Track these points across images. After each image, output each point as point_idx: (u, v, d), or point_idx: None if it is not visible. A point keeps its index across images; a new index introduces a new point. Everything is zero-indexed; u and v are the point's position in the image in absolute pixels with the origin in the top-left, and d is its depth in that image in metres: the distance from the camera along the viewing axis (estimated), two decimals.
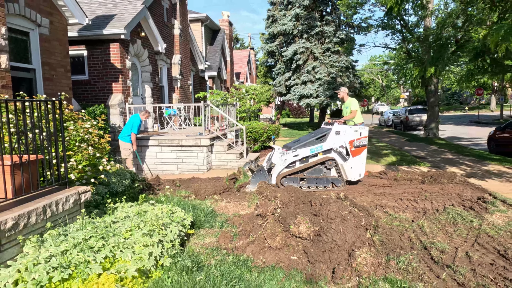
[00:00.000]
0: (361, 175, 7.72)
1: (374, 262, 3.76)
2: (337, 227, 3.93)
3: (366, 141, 7.69)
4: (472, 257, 4.11)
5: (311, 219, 4.04)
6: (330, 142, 7.37)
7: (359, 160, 7.58)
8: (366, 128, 7.76)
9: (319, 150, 7.35)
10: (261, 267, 3.83)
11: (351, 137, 7.45)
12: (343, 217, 4.00)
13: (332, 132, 7.43)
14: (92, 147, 5.10)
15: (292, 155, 7.25)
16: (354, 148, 7.50)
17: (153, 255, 3.65)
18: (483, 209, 6.11)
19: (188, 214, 4.95)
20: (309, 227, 3.94)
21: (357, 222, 4.01)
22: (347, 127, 7.54)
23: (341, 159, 7.42)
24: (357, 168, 7.58)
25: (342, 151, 7.44)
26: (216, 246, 4.47)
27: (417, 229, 5.13)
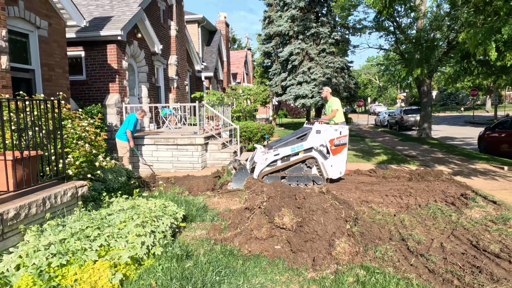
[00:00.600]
0: (342, 173, 7.92)
1: (352, 251, 4.02)
2: (318, 218, 4.20)
3: (346, 139, 7.88)
4: (446, 247, 4.38)
5: (295, 212, 4.30)
6: (310, 141, 7.56)
7: (339, 158, 7.77)
8: (346, 127, 7.97)
9: (300, 149, 7.54)
10: (247, 255, 4.09)
11: (331, 136, 7.66)
12: (324, 210, 4.27)
13: (312, 131, 7.63)
14: (88, 145, 5.36)
15: (273, 154, 7.45)
16: (335, 146, 7.69)
17: (145, 244, 3.90)
18: (464, 204, 6.38)
19: (180, 208, 5.21)
20: (292, 218, 4.20)
21: (337, 214, 4.27)
22: (328, 126, 7.75)
23: (322, 158, 7.62)
24: (337, 166, 7.78)
25: (322, 150, 7.63)
26: (206, 237, 4.74)
27: (398, 222, 5.41)
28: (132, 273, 3.60)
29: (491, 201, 6.61)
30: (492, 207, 6.17)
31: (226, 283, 3.48)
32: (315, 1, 22.31)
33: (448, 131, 24.49)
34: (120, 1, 11.59)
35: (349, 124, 31.63)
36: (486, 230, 5.01)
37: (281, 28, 22.70)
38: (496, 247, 4.35)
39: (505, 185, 7.91)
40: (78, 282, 3.22)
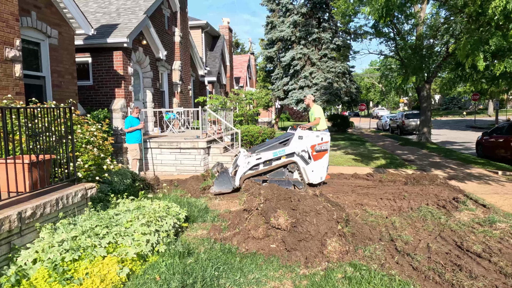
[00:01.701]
0: (322, 178, 8.12)
1: (342, 250, 4.32)
2: (311, 219, 4.50)
3: (327, 146, 8.12)
4: (431, 247, 4.66)
5: (289, 213, 4.60)
6: (292, 146, 7.80)
7: (320, 164, 8.00)
8: (327, 133, 8.22)
9: (282, 153, 7.77)
10: (244, 253, 4.39)
11: (313, 142, 7.90)
12: (317, 211, 4.56)
13: (295, 137, 7.88)
14: (97, 149, 5.68)
15: (255, 158, 7.68)
16: (316, 152, 7.93)
17: (150, 242, 4.22)
18: (454, 207, 6.66)
19: (183, 210, 5.52)
20: (286, 219, 4.50)
21: (329, 216, 4.57)
22: (310, 132, 8.00)
23: (303, 163, 7.84)
24: (318, 171, 8.00)
25: (304, 155, 7.86)
26: (206, 236, 5.04)
27: (389, 224, 5.69)
28: (138, 268, 3.91)
29: (481, 204, 6.88)
30: (481, 210, 6.45)
31: (224, 278, 3.78)
32: (317, 7, 22.67)
33: (448, 136, 24.69)
34: (127, 9, 11.97)
35: (351, 128, 31.90)
36: (472, 232, 5.28)
37: (283, 34, 23.06)
38: (479, 248, 4.63)
39: (497, 189, 8.17)
40: (89, 275, 3.53)
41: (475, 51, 6.16)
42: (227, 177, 7.70)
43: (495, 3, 5.21)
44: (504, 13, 5.31)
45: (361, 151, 15.18)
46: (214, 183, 7.73)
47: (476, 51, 6.17)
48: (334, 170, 10.74)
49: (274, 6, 24.72)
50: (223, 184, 7.61)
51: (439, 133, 27.13)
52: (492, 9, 5.40)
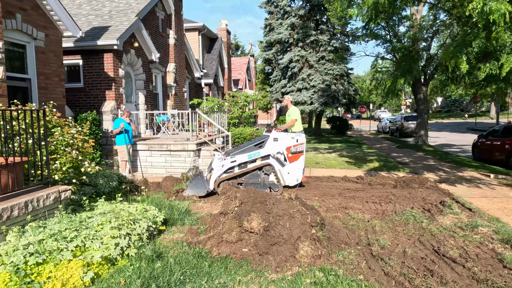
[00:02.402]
0: (298, 180, 8.02)
1: (315, 254, 4.26)
2: (284, 223, 4.44)
3: (303, 147, 8.03)
4: (407, 252, 4.59)
5: (263, 216, 4.55)
6: (268, 148, 7.72)
7: (296, 165, 7.91)
8: (303, 135, 8.13)
9: (257, 156, 7.70)
10: (216, 257, 4.34)
11: (288, 143, 7.82)
12: (291, 215, 4.51)
13: (270, 138, 7.80)
14: (76, 151, 5.66)
15: (230, 160, 7.61)
16: (291, 154, 7.84)
17: (119, 245, 4.18)
18: (439, 211, 6.58)
19: (161, 213, 5.47)
20: (259, 223, 4.45)
21: (303, 220, 4.52)
22: (285, 134, 7.91)
23: (279, 165, 7.74)
24: (294, 173, 7.91)
25: (280, 157, 7.77)
26: (182, 240, 5.00)
27: (369, 228, 5.62)
28: (104, 272, 3.87)
29: (467, 208, 6.80)
30: (466, 214, 6.36)
31: (190, 282, 3.74)
32: (315, 9, 22.64)
33: (448, 138, 24.55)
34: (119, 11, 11.99)
35: (350, 130, 31.80)
36: (452, 237, 5.21)
37: (281, 36, 23.04)
38: (456, 253, 4.56)
39: (486, 193, 8.07)
40: (52, 279, 3.50)
41: (458, 53, 6.09)
42: (201, 180, 7.61)
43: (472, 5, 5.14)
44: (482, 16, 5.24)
45: (356, 153, 15.10)
46: (188, 186, 7.64)
47: (459, 53, 6.10)
48: (325, 172, 10.68)
49: (273, 9, 24.72)
50: (197, 188, 7.53)
51: (439, 136, 26.98)
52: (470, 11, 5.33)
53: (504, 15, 4.97)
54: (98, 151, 9.56)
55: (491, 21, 4.98)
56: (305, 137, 8.22)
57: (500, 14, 4.94)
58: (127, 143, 9.54)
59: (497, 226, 5.63)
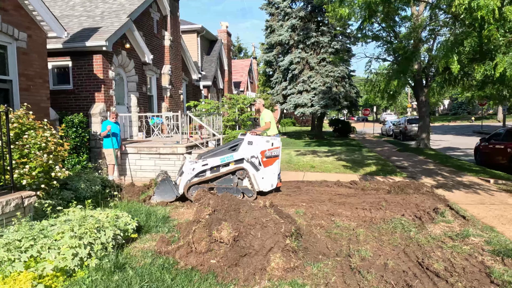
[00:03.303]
0: (273, 186, 7.71)
1: (287, 266, 3.98)
2: (256, 233, 4.17)
3: (278, 151, 7.72)
4: (389, 265, 4.29)
5: (234, 225, 4.28)
6: (241, 152, 7.43)
7: (271, 170, 7.60)
8: (278, 139, 7.84)
9: (230, 159, 7.39)
10: (181, 269, 4.08)
11: (263, 147, 7.51)
12: (263, 224, 4.23)
13: (244, 142, 7.50)
14: (47, 155, 5.44)
15: (201, 164, 7.32)
16: (266, 158, 7.54)
17: (78, 256, 3.93)
18: (430, 219, 6.25)
19: (133, 220, 5.21)
20: (229, 232, 4.18)
21: (276, 229, 4.24)
22: (259, 137, 7.63)
23: (253, 169, 7.44)
24: (269, 178, 7.60)
25: (254, 161, 7.47)
26: (152, 249, 4.74)
27: (353, 237, 5.32)
28: (58, 285, 3.62)
29: (461, 216, 6.46)
30: (458, 223, 6.03)
31: None
32: (315, 10, 22.35)
33: (452, 141, 24.06)
34: (111, 12, 11.83)
35: (353, 133, 31.38)
36: (440, 247, 4.89)
37: (281, 38, 22.78)
38: (441, 266, 4.25)
39: (484, 199, 7.72)
40: None
41: (449, 53, 5.77)
42: (169, 185, 7.28)
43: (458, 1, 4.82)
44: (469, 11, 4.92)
45: (355, 157, 14.74)
46: (155, 192, 7.32)
47: (450, 53, 5.77)
48: (319, 177, 10.37)
49: (274, 10, 24.47)
50: (165, 193, 7.22)
51: (443, 139, 26.47)
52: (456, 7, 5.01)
53: (493, 12, 4.64)
54: (84, 154, 9.37)
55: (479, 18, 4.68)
56: (280, 141, 7.92)
57: (489, 10, 4.61)
58: (114, 146, 9.34)
59: (490, 236, 5.29)
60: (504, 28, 5.02)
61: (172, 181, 7.63)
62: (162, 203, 7.18)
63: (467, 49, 5.69)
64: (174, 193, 7.33)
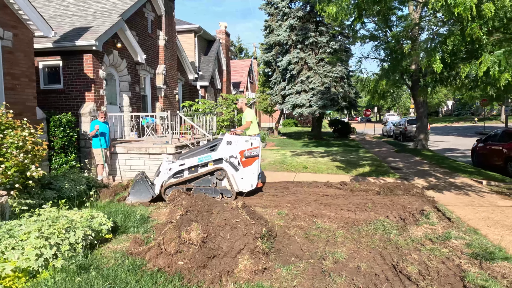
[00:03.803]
0: (253, 186, 7.59)
1: (255, 269, 3.90)
2: (225, 234, 4.09)
3: (258, 151, 7.60)
4: (361, 268, 4.20)
5: (203, 227, 4.20)
6: (220, 152, 7.35)
7: (250, 170, 7.49)
8: (257, 138, 7.74)
9: (208, 159, 7.30)
10: (148, 271, 4.00)
11: (242, 147, 7.42)
12: (233, 225, 4.15)
13: (223, 142, 7.43)
14: (24, 154, 5.40)
15: (178, 164, 7.24)
16: (245, 158, 7.43)
17: (43, 256, 3.87)
18: (414, 221, 6.14)
19: (109, 220, 5.15)
20: (198, 234, 4.11)
21: (246, 231, 4.15)
22: (238, 137, 7.55)
23: (233, 169, 7.35)
24: (248, 178, 7.50)
25: (233, 161, 7.38)
26: (124, 250, 4.67)
27: (331, 239, 5.22)
28: (20, 285, 3.57)
29: (446, 217, 6.35)
30: (442, 225, 5.91)
31: None
32: (314, 10, 22.20)
33: (452, 142, 23.85)
34: (104, 12, 11.81)
35: (353, 134, 31.21)
36: (418, 250, 4.78)
37: (280, 38, 22.69)
38: (415, 269, 4.15)
39: (473, 201, 7.58)
40: None
41: (432, 52, 5.65)
42: (144, 185, 7.18)
43: None
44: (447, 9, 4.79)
45: (350, 158, 14.62)
46: (130, 192, 7.22)
47: (433, 52, 5.65)
48: (311, 177, 10.27)
49: (273, 10, 24.40)
50: (141, 193, 7.13)
51: (444, 140, 26.26)
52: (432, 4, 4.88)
53: (470, 9, 4.52)
54: (73, 153, 9.33)
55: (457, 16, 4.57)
56: (260, 141, 7.83)
57: (466, 7, 4.49)
58: (103, 146, 9.30)
59: (472, 238, 5.17)
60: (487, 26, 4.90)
61: (149, 182, 7.53)
62: (146, 204, 7.12)
63: (450, 48, 5.57)
64: (150, 193, 7.23)
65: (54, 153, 8.95)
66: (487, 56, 5.35)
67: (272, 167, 12.02)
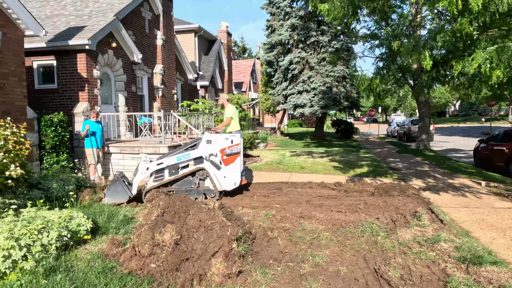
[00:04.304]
0: (236, 184, 7.42)
1: (227, 272, 3.76)
2: (199, 236, 3.96)
3: (239, 148, 7.45)
4: (341, 272, 4.04)
5: (177, 228, 4.08)
6: (199, 151, 7.21)
7: (232, 168, 7.32)
8: (238, 135, 7.59)
9: (187, 158, 7.16)
10: (119, 273, 3.88)
11: (222, 145, 7.26)
12: (208, 227, 4.02)
13: (202, 141, 7.28)
14: (4, 153, 5.32)
15: (156, 163, 7.11)
16: (226, 156, 7.27)
17: (11, 257, 3.78)
18: (405, 223, 5.96)
19: (89, 221, 5.05)
20: (172, 235, 3.98)
21: (222, 232, 4.02)
22: (218, 135, 7.41)
23: (215, 168, 7.22)
24: (231, 176, 7.33)
25: (215, 160, 7.23)
26: (101, 252, 4.56)
27: (315, 241, 5.06)
28: None
29: (439, 219, 6.15)
30: (434, 227, 5.73)
31: None
32: None
33: (457, 143, 23.49)
34: (100, 11, 11.76)
35: (356, 134, 30.91)
36: (404, 253, 4.60)
37: (281, 37, 22.51)
38: (397, 273, 3.98)
39: (470, 202, 7.37)
40: None
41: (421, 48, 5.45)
42: (120, 185, 7.03)
43: None
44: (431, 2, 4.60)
45: (349, 158, 14.41)
46: (106, 193, 7.07)
47: (422, 48, 5.45)
48: (307, 178, 10.10)
49: (274, 10, 24.21)
50: (117, 194, 6.98)
51: (449, 140, 25.90)
52: None
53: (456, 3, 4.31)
54: (64, 153, 9.26)
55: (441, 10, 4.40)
56: (240, 137, 7.66)
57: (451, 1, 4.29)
58: (94, 146, 9.23)
59: (462, 241, 4.99)
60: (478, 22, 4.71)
61: (126, 182, 7.36)
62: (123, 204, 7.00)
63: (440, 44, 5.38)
64: (127, 193, 7.08)
65: (46, 153, 8.89)
66: (479, 53, 5.15)
67: (268, 167, 11.87)
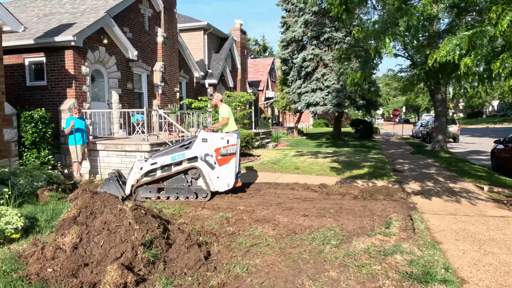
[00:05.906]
0: (230, 185, 7.12)
1: (120, 281, 3.37)
2: (99, 240, 3.60)
3: (234, 149, 7.11)
4: (255, 286, 3.55)
5: (80, 231, 3.74)
6: (195, 150, 6.95)
7: (227, 169, 7.03)
8: (234, 135, 7.25)
9: (182, 157, 6.92)
10: (13, 278, 3.59)
11: (217, 145, 7.00)
12: (112, 230, 3.66)
13: (198, 139, 7.03)
14: None
15: (150, 162, 6.92)
16: (221, 156, 6.98)
17: None
18: (370, 230, 5.37)
19: (20, 219, 4.83)
20: (72, 238, 3.65)
21: (127, 236, 3.64)
22: (214, 134, 7.15)
23: (209, 168, 6.96)
24: (225, 177, 7.04)
25: (209, 160, 6.98)
26: (16, 253, 4.30)
27: (254, 248, 4.58)
28: None
29: (413, 228, 5.48)
30: (400, 236, 5.09)
31: None
32: None
33: (485, 145, 21.91)
34: (93, 8, 11.73)
35: (376, 134, 29.70)
36: (344, 266, 4.05)
37: (294, 34, 21.92)
38: None
39: (459, 209, 6.59)
40: None
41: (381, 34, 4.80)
42: (113, 184, 6.88)
43: None
44: None
45: (354, 159, 13.64)
46: (98, 191, 6.95)
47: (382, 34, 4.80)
48: (295, 179, 9.55)
49: (290, 6, 23.67)
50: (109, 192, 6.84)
51: (475, 142, 24.32)
52: None
53: None
54: (45, 150, 9.22)
55: None
56: (238, 138, 7.30)
57: None
58: (78, 143, 9.14)
59: (422, 254, 4.35)
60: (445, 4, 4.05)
61: (121, 180, 7.26)
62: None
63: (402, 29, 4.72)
64: (120, 193, 6.92)
65: (25, 149, 8.88)
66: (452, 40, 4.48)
67: (261, 168, 11.40)
